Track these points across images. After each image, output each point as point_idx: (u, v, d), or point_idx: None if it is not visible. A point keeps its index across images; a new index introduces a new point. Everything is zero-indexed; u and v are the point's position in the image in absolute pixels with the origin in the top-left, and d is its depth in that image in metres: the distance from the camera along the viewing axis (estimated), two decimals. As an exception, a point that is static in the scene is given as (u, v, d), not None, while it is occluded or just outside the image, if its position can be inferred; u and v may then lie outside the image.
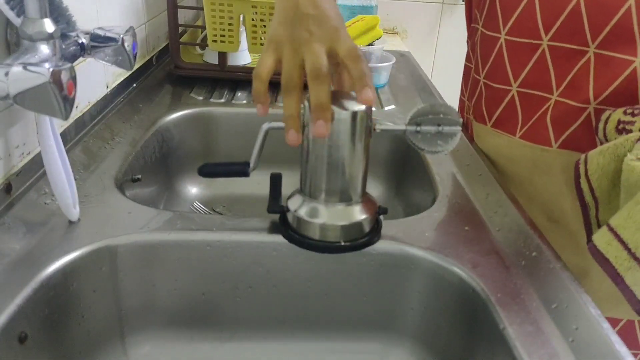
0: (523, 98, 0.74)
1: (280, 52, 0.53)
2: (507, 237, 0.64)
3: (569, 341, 0.49)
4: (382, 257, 0.61)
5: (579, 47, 0.67)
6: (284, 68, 0.52)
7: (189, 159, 0.98)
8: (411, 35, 2.06)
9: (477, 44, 0.82)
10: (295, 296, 0.63)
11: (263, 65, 0.53)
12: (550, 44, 0.69)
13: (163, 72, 1.15)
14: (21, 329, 0.50)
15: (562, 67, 0.70)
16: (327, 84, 0.51)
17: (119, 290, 0.60)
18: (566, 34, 0.68)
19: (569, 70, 0.69)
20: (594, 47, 0.66)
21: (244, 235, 0.61)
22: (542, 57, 0.71)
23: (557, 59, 0.70)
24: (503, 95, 0.77)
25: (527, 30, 0.71)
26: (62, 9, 0.60)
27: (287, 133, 0.52)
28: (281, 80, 0.52)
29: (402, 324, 0.64)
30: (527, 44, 0.72)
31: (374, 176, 0.97)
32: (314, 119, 0.51)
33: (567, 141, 0.72)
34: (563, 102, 0.70)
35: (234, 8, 1.01)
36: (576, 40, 0.67)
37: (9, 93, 0.49)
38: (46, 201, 0.64)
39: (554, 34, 0.69)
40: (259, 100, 0.54)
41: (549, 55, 0.70)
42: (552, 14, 0.68)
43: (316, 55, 0.51)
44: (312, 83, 0.51)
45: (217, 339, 0.65)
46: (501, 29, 0.74)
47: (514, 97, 0.75)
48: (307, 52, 0.51)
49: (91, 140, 0.80)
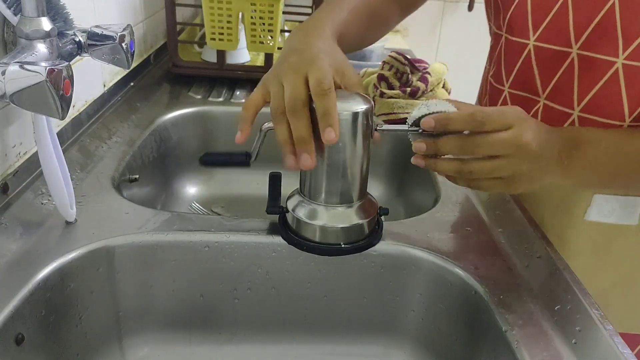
0: (514, 99, 0.74)
1: (268, 86, 0.54)
2: (509, 238, 0.63)
3: (572, 343, 0.49)
4: (383, 259, 0.61)
5: (562, 49, 0.66)
6: (272, 99, 0.53)
7: (187, 158, 0.97)
8: (412, 34, 2.06)
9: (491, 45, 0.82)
10: (295, 298, 0.63)
11: (251, 98, 0.55)
12: (535, 45, 0.68)
13: (161, 70, 1.14)
14: (18, 330, 0.49)
15: (547, 70, 0.69)
16: (303, 118, 0.51)
17: (116, 291, 0.60)
18: (552, 34, 0.67)
19: (554, 73, 0.68)
20: (577, 48, 0.65)
21: (242, 236, 0.60)
22: (528, 58, 0.70)
23: (541, 60, 0.69)
24: (498, 95, 0.76)
25: (519, 29, 0.70)
26: (59, 7, 0.59)
27: (284, 158, 0.52)
28: (270, 110, 0.53)
29: (403, 326, 0.64)
30: (518, 43, 0.71)
31: (375, 176, 0.96)
32: (297, 153, 0.51)
33: None
34: (550, 106, 0.69)
35: (232, 6, 1.00)
36: (560, 41, 0.66)
37: (6, 92, 0.49)
38: (43, 201, 0.63)
39: (540, 33, 0.67)
40: (240, 127, 0.54)
41: (534, 56, 0.69)
42: (543, 12, 0.67)
43: (292, 87, 0.51)
44: (289, 117, 0.51)
45: (215, 341, 0.64)
46: (502, 27, 0.74)
47: (506, 98, 0.75)
48: (285, 83, 0.52)
49: (88, 140, 0.79)
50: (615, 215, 0.69)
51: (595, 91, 0.64)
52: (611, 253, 0.72)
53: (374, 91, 0.98)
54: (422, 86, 0.94)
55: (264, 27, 1.03)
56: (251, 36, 1.04)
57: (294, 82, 0.51)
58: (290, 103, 0.51)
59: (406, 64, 0.97)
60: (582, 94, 0.65)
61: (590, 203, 0.69)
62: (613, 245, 0.71)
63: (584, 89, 0.65)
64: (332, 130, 0.49)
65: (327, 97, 0.50)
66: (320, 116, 0.50)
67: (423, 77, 0.96)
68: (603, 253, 0.71)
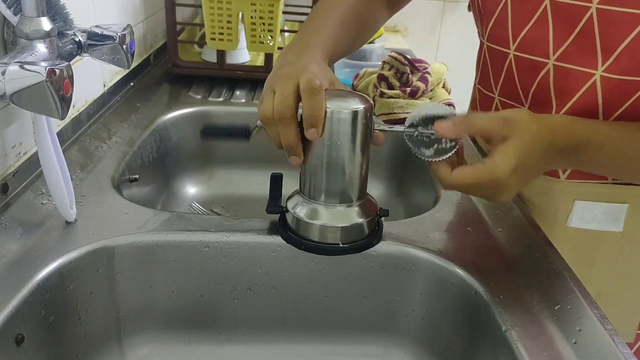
0: (504, 107, 0.74)
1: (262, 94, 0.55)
2: (509, 238, 0.63)
3: (572, 343, 0.49)
4: (383, 259, 0.61)
5: (539, 59, 0.66)
6: (262, 104, 0.53)
7: (186, 158, 0.97)
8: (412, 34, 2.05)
9: None
10: (295, 298, 0.63)
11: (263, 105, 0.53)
12: (515, 54, 0.68)
13: (161, 70, 1.14)
14: (18, 330, 0.49)
15: (526, 80, 0.68)
16: (291, 125, 0.51)
17: (116, 291, 0.60)
18: (530, 44, 0.66)
19: (532, 83, 0.67)
20: (554, 59, 0.64)
21: (242, 236, 0.60)
22: (510, 67, 0.70)
23: (521, 70, 0.68)
24: (490, 102, 0.76)
25: (500, 38, 0.70)
26: (59, 7, 0.59)
27: (289, 158, 0.54)
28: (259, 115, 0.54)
29: (404, 326, 0.64)
30: (500, 52, 0.70)
31: (375, 176, 0.96)
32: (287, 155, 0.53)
33: None
34: None
35: (232, 6, 1.00)
36: (539, 51, 0.65)
37: (6, 92, 0.49)
38: (43, 201, 0.63)
39: (519, 43, 0.67)
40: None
41: (515, 65, 0.69)
42: (522, 22, 0.66)
43: (281, 94, 0.51)
44: (278, 125, 0.52)
45: (215, 342, 0.64)
46: (485, 35, 0.74)
47: (497, 105, 0.75)
48: (276, 90, 0.52)
49: (88, 140, 0.79)
50: (597, 221, 0.69)
51: (572, 103, 0.64)
52: (595, 262, 0.72)
53: (374, 91, 0.98)
54: (422, 86, 0.95)
55: (264, 27, 1.03)
56: (251, 36, 1.04)
57: (284, 88, 0.51)
58: (279, 109, 0.51)
59: (406, 64, 0.97)
60: (560, 106, 0.65)
61: (571, 209, 0.69)
62: (596, 254, 0.71)
63: (561, 101, 0.65)
64: (315, 131, 0.50)
65: (315, 96, 0.50)
66: (305, 116, 0.50)
67: (423, 77, 0.96)
68: (586, 261, 0.71)
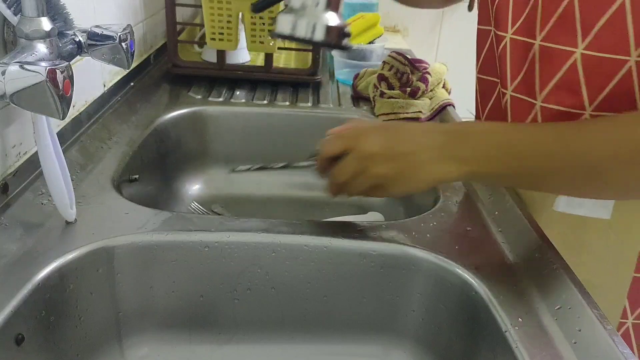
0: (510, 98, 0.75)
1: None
2: (509, 237, 0.63)
3: (572, 343, 0.49)
4: (382, 258, 0.61)
5: (529, 40, 0.67)
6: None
7: (186, 158, 0.97)
8: (412, 34, 2.06)
9: None
10: (295, 298, 0.63)
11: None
12: (511, 37, 0.69)
13: (161, 70, 1.14)
14: (18, 330, 0.49)
15: (517, 62, 0.69)
16: None
17: (116, 291, 0.60)
18: (524, 26, 0.67)
19: (522, 65, 0.68)
20: (539, 39, 0.65)
21: (242, 236, 0.60)
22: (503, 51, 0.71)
23: (514, 53, 0.69)
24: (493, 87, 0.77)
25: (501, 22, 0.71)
26: (59, 7, 0.60)
27: None
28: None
29: (403, 326, 0.64)
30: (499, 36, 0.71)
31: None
32: None
33: None
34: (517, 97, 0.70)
35: (232, 6, 1.00)
36: (529, 33, 0.67)
37: (5, 92, 0.49)
38: (43, 201, 0.63)
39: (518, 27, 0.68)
40: None
41: (509, 49, 0.70)
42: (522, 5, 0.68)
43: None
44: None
45: (215, 342, 0.64)
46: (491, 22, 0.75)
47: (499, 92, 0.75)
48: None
49: (88, 140, 0.79)
50: (585, 207, 0.69)
51: (556, 81, 0.65)
52: (583, 249, 0.71)
53: (374, 91, 0.98)
54: (422, 86, 0.95)
55: (264, 27, 1.03)
56: (251, 36, 1.04)
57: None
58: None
59: (406, 64, 0.97)
60: (543, 85, 0.66)
61: None
62: (585, 241, 0.71)
63: (544, 80, 0.66)
64: None
65: None
66: None
67: (423, 77, 0.96)
68: (574, 249, 0.71)
